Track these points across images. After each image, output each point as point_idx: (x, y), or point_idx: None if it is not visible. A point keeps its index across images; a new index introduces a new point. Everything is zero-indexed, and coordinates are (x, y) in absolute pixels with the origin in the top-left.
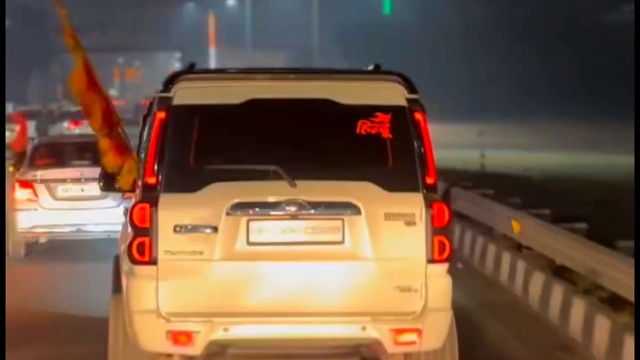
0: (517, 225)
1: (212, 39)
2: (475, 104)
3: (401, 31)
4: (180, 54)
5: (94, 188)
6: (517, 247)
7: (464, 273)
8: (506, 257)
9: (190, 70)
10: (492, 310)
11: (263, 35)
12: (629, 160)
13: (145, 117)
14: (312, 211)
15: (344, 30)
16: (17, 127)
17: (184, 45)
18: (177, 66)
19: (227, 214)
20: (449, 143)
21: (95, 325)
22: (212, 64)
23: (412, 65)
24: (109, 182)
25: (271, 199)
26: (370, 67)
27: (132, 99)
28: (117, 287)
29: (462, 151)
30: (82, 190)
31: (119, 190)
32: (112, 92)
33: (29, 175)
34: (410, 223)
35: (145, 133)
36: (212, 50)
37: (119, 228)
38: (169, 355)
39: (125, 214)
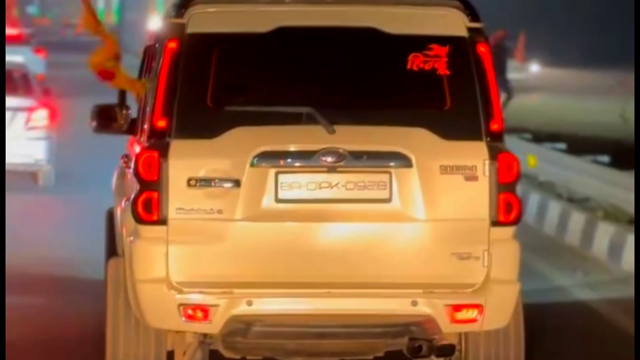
0: None
1: None
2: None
3: None
4: None
5: None
6: None
7: None
8: None
9: None
10: None
11: None
12: None
13: (149, 48)
14: (354, 162)
15: None
16: None
17: None
18: None
19: (252, 165)
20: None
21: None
22: None
23: None
24: (104, 122)
25: (305, 148)
26: None
27: (56, 18)
28: (111, 249)
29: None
30: None
31: (117, 130)
32: (31, 10)
33: None
34: (471, 178)
35: (150, 67)
36: None
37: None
38: (180, 333)
39: (123, 159)
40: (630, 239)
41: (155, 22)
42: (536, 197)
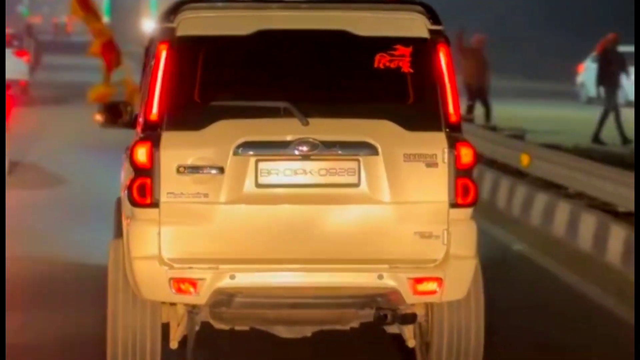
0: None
1: None
2: None
3: None
4: None
5: None
6: None
7: None
8: None
9: None
10: None
11: None
12: None
13: (147, 50)
14: (326, 151)
15: None
16: None
17: None
18: None
19: (234, 153)
20: None
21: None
22: None
23: None
24: (110, 118)
25: (282, 138)
26: None
27: (48, 16)
28: (118, 232)
29: None
30: None
31: (123, 124)
32: (21, 9)
33: None
34: (432, 164)
35: (146, 67)
36: None
37: None
38: (172, 304)
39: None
40: None
41: (150, 25)
42: None
